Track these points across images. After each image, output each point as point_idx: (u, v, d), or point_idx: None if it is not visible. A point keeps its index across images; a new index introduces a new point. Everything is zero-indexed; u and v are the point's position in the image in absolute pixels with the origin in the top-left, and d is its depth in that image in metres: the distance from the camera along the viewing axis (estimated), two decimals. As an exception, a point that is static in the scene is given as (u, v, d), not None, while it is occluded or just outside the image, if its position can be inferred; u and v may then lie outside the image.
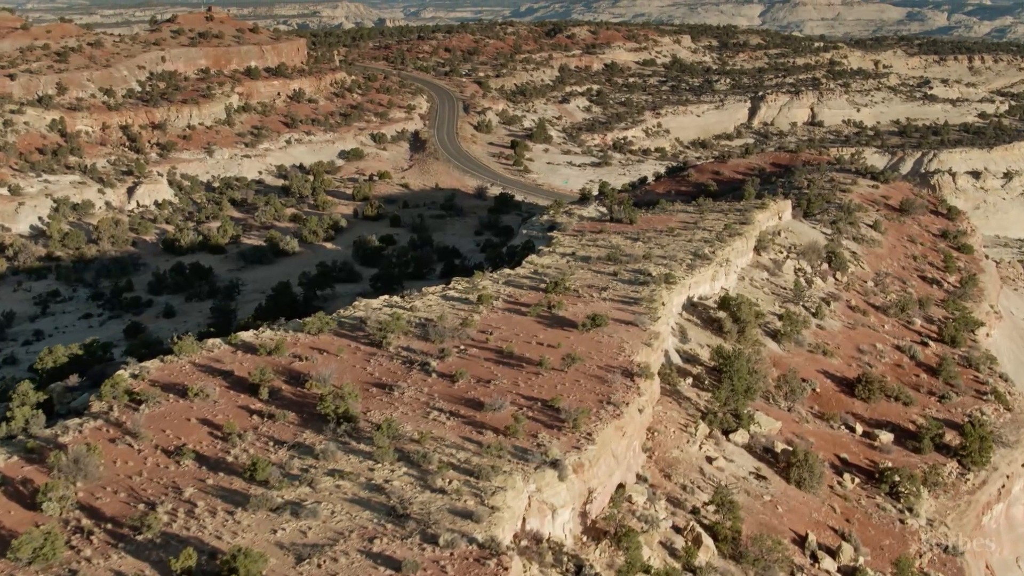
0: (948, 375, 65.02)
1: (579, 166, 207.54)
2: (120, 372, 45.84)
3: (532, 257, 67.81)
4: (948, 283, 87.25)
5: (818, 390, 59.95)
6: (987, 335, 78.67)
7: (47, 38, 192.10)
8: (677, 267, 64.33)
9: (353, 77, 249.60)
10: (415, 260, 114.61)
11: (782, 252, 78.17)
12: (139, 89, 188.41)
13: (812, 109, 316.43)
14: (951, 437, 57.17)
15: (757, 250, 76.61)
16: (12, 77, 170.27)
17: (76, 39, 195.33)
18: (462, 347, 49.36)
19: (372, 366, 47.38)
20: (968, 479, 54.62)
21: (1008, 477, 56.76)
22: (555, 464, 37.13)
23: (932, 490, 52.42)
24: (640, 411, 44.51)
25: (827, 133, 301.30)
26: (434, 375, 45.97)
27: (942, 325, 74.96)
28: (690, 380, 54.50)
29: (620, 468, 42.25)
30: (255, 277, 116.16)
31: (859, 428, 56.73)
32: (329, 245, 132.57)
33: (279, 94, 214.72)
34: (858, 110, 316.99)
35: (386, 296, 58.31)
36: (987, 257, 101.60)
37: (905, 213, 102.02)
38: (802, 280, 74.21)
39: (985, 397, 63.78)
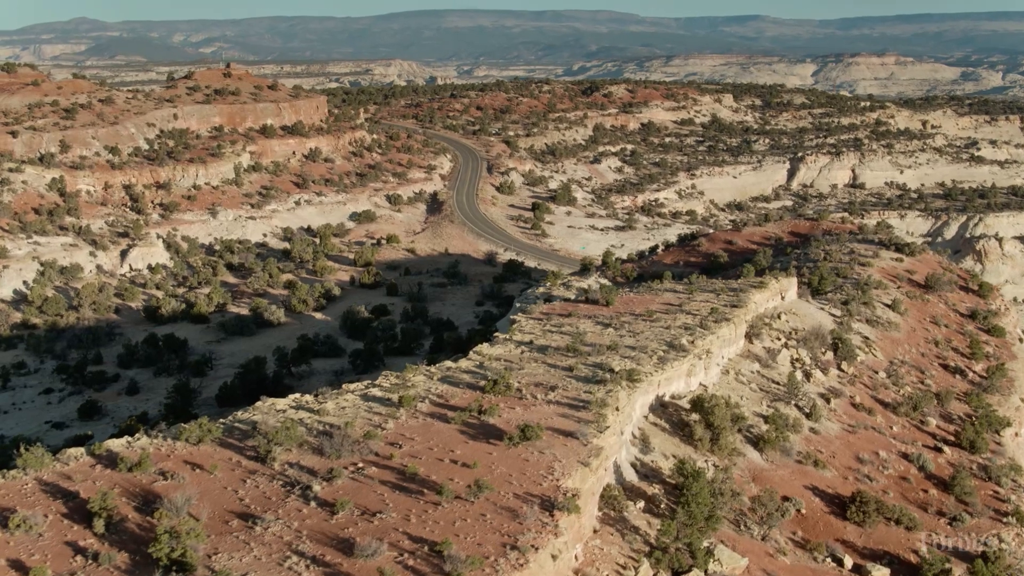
0: (962, 491, 55.47)
1: (601, 230, 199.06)
2: (-52, 491, 38.62)
3: (482, 346, 59.48)
4: (973, 372, 77.66)
5: (804, 511, 50.73)
6: (1015, 435, 69.02)
7: (58, 94, 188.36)
8: (646, 360, 55.75)
9: (374, 136, 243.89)
10: (403, 334, 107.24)
11: (779, 339, 69.21)
12: (146, 147, 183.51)
13: (853, 171, 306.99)
14: (960, 573, 47.83)
15: (750, 337, 67.80)
16: (14, 134, 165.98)
17: (87, 95, 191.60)
18: (360, 465, 41.46)
19: (246, 489, 39.68)
20: (978, 629, 45.27)
21: (1028, 625, 47.30)
22: (417, 641, 29.05)
23: (932, 645, 43.21)
24: (555, 557, 36.11)
25: (869, 195, 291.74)
26: (313, 503, 38.24)
27: (961, 425, 65.47)
28: (642, 504, 45.78)
29: (520, 634, 33.80)
30: (233, 350, 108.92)
31: (848, 561, 47.53)
32: (319, 315, 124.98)
33: (294, 153, 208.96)
34: (901, 172, 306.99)
35: (296, 395, 50.46)
36: (1022, 340, 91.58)
37: (931, 290, 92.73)
38: (799, 373, 65.14)
39: (1005, 520, 54.20)
